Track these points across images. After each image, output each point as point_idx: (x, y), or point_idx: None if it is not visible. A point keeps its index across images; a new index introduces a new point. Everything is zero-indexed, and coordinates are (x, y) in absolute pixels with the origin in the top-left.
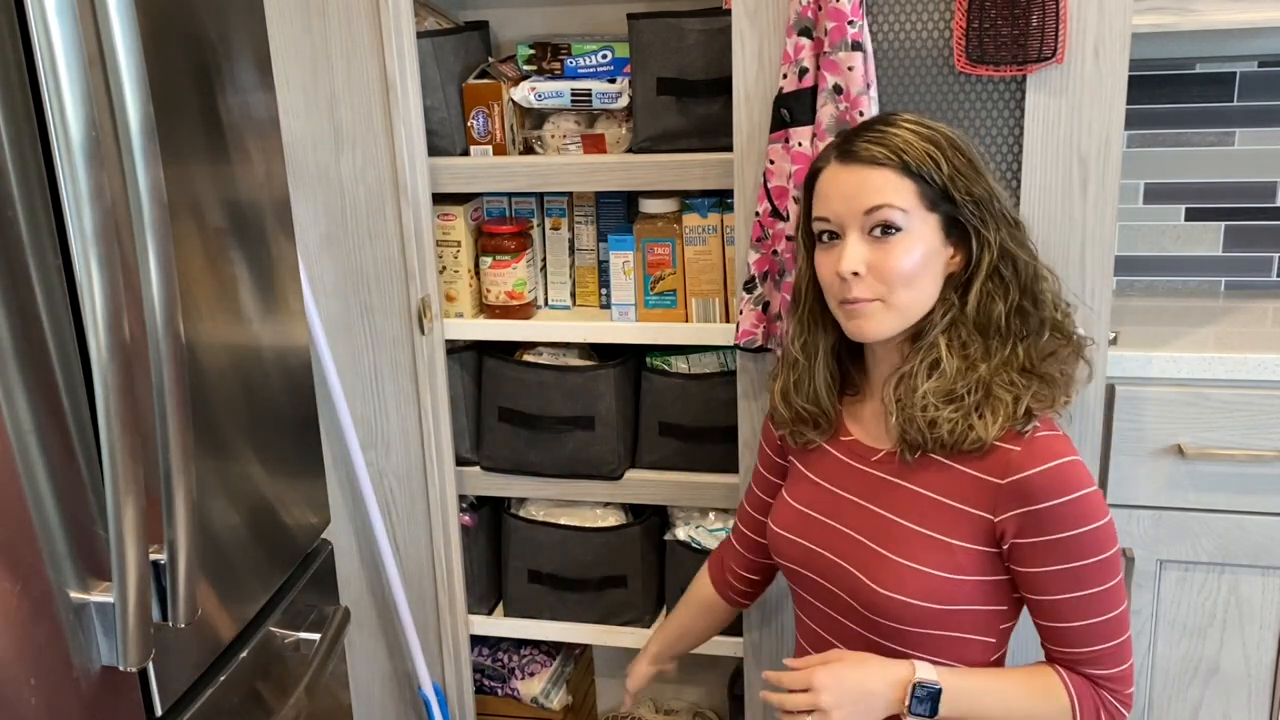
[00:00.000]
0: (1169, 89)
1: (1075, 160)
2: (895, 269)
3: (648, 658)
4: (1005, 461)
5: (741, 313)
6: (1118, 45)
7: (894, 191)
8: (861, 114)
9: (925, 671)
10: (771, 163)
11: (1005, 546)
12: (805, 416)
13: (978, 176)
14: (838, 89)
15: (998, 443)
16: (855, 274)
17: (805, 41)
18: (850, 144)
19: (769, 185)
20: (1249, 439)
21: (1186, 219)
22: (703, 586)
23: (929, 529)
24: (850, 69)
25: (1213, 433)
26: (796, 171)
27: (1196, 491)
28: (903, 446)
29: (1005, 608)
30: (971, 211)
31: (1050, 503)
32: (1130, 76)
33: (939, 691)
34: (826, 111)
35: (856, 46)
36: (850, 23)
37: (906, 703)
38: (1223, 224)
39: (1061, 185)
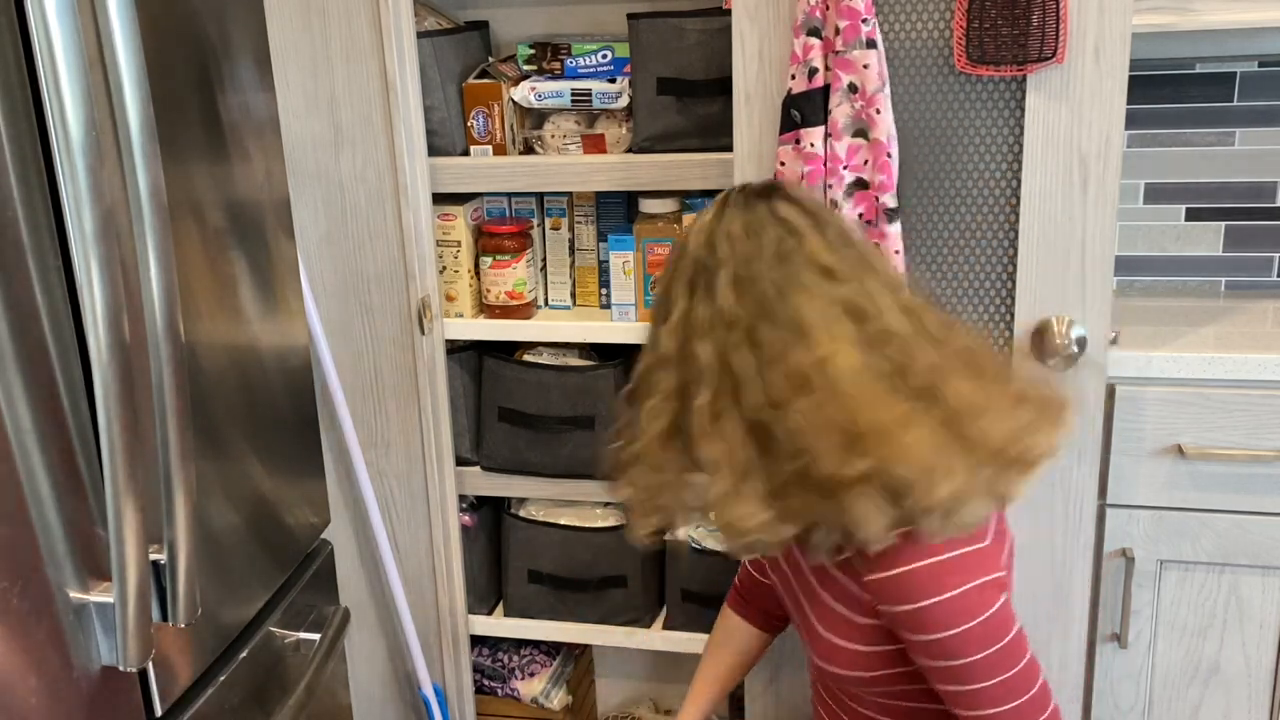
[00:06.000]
0: (1169, 89)
1: (1075, 160)
2: None
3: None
4: (864, 557)
5: None
6: (1118, 45)
7: None
8: (878, 111)
9: None
10: (782, 164)
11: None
12: None
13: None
14: (853, 88)
15: None
16: None
17: (814, 41)
18: None
19: None
20: (1249, 439)
21: (1186, 219)
22: (732, 627)
23: (837, 603)
24: (866, 67)
25: (1213, 433)
26: (809, 173)
27: (1196, 491)
28: None
29: None
30: None
31: (900, 608)
32: (1130, 76)
33: None
34: (842, 111)
35: (871, 44)
36: (864, 21)
37: None
38: (1223, 224)
39: (1061, 185)
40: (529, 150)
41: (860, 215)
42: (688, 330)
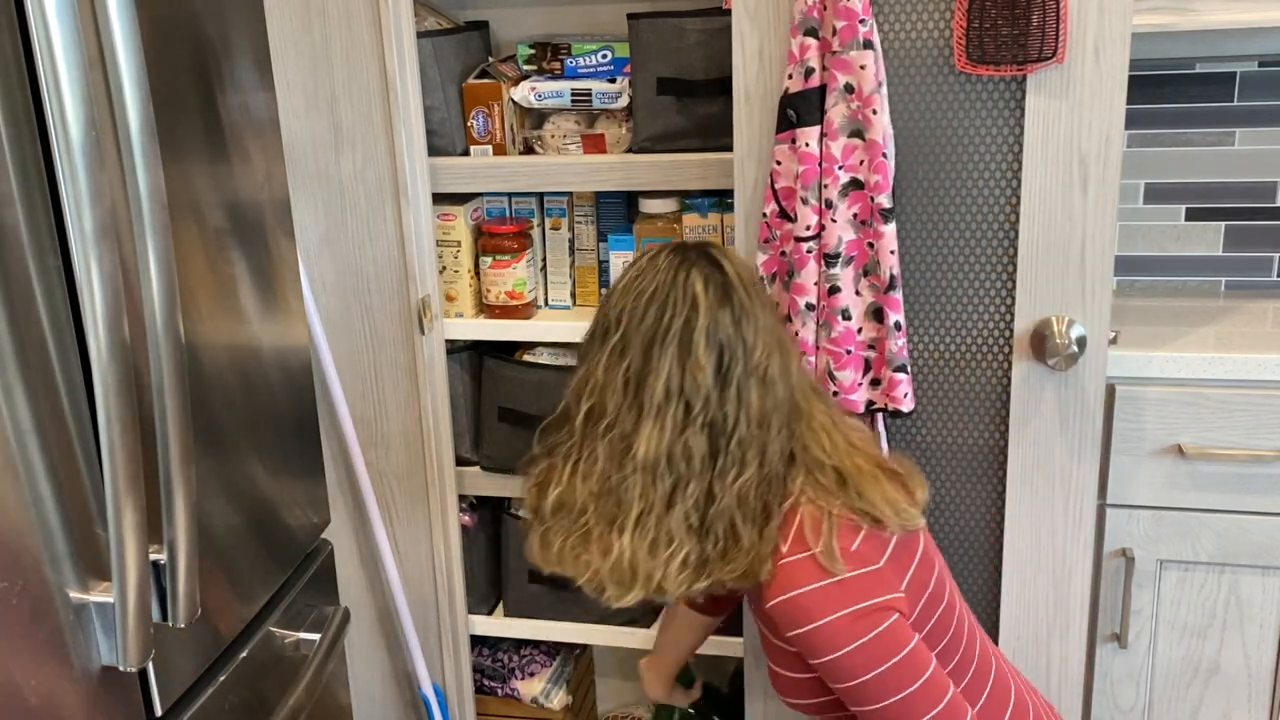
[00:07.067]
0: (1169, 89)
1: (1075, 160)
2: None
3: (664, 688)
4: (765, 582)
5: None
6: (1118, 45)
7: None
8: (875, 111)
9: None
10: (778, 163)
11: None
12: None
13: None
14: (849, 88)
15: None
16: None
17: (811, 41)
18: None
19: (775, 186)
20: (1249, 439)
21: (1186, 219)
22: (679, 611)
23: (770, 634)
24: (863, 68)
25: (1213, 433)
26: (804, 172)
27: (1196, 491)
28: None
29: None
30: None
31: (792, 632)
32: (1130, 76)
33: None
34: (838, 111)
35: (868, 45)
36: (861, 21)
37: None
38: (1223, 224)
39: (1061, 185)
40: (529, 150)
41: (855, 215)
42: (581, 386)
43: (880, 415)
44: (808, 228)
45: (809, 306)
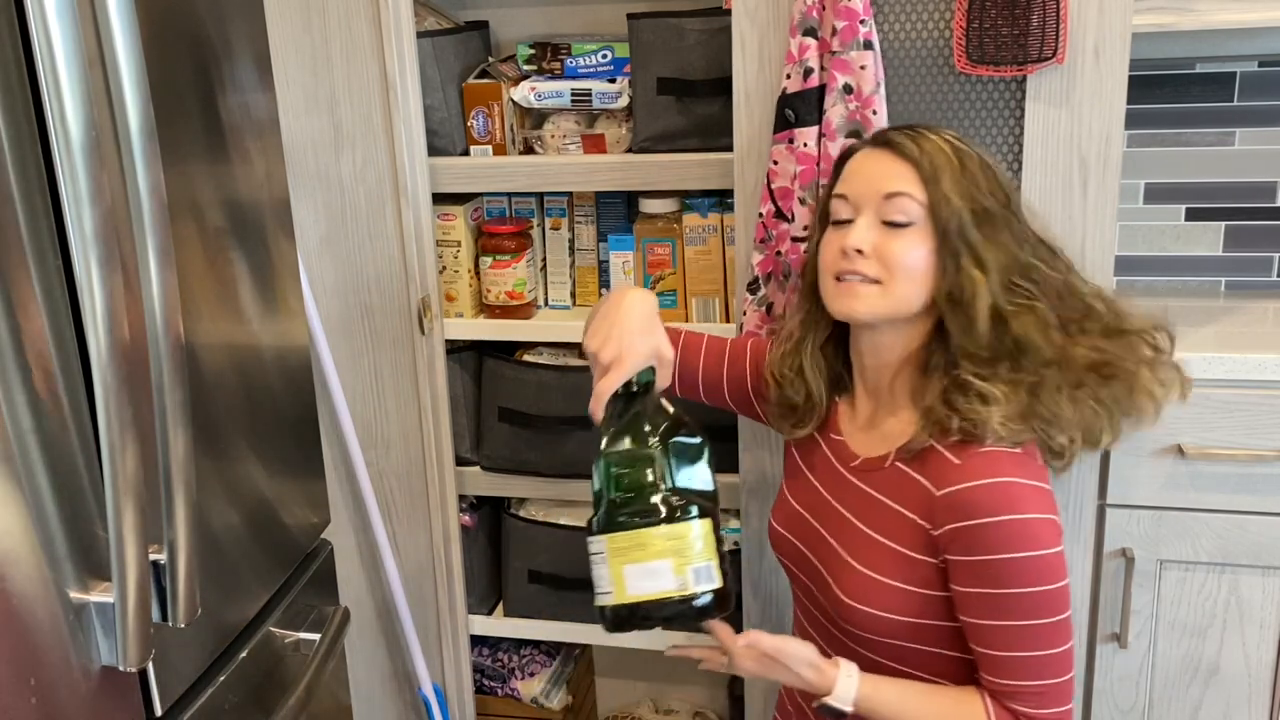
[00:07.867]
0: (1169, 89)
1: (1075, 160)
2: (902, 258)
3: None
4: (944, 471)
5: (745, 314)
6: (1118, 45)
7: (914, 186)
8: (874, 112)
9: (843, 687)
10: (775, 164)
11: (942, 561)
12: (787, 390)
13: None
14: (848, 89)
15: (942, 450)
16: (859, 251)
17: (810, 41)
18: (889, 134)
19: (772, 186)
20: (1249, 439)
21: (1186, 219)
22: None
23: (891, 540)
24: (863, 68)
25: (1213, 433)
26: (802, 172)
27: (1196, 491)
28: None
29: None
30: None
31: (981, 520)
32: (1130, 76)
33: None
34: (837, 111)
35: (868, 45)
36: (862, 22)
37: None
38: (1223, 224)
39: (1061, 185)
40: (529, 150)
41: None
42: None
43: None
44: (805, 228)
45: None
